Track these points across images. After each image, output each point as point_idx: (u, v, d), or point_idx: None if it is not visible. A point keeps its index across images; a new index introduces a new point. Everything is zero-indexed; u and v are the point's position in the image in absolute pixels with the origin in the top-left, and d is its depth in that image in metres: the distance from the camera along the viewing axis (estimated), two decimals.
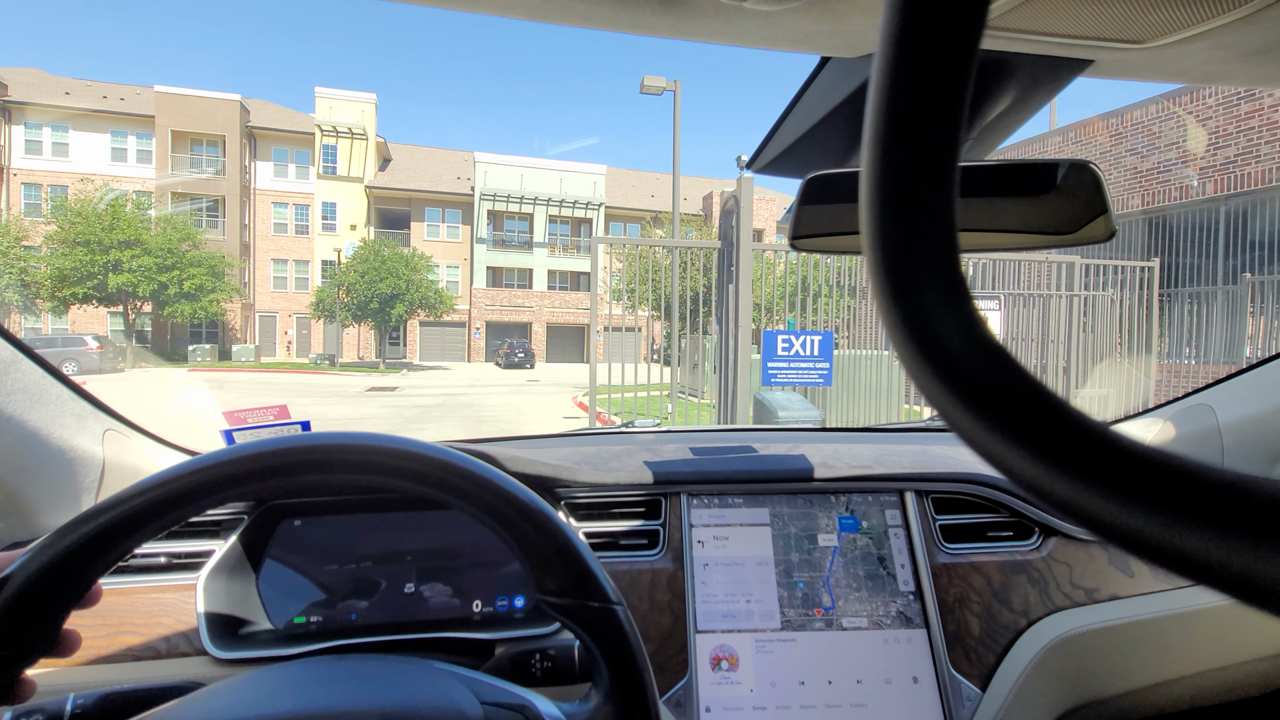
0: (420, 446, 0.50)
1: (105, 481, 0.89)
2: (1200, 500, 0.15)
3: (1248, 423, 0.98)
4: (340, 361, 24.54)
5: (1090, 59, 0.64)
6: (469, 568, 0.90)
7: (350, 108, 29.20)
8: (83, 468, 0.86)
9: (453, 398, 14.76)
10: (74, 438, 0.85)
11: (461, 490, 0.50)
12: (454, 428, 10.28)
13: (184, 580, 0.84)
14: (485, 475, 0.50)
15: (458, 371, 24.42)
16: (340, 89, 29.38)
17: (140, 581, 0.84)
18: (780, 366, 4.74)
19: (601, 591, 0.51)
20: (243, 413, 0.98)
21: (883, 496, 1.00)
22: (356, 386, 17.20)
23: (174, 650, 0.80)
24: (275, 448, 0.48)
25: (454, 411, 12.22)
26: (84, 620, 0.75)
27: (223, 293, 22.99)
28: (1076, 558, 0.99)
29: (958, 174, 0.19)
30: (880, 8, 0.19)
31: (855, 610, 0.93)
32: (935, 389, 0.19)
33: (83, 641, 0.49)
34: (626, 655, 0.51)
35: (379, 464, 0.49)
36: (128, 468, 0.93)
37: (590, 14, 0.58)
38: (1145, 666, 0.96)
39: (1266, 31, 0.55)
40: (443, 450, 0.50)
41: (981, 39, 0.18)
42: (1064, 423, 0.17)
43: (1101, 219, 0.72)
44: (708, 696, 0.87)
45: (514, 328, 31.03)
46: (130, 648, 0.79)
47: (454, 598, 0.88)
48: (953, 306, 0.19)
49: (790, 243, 0.78)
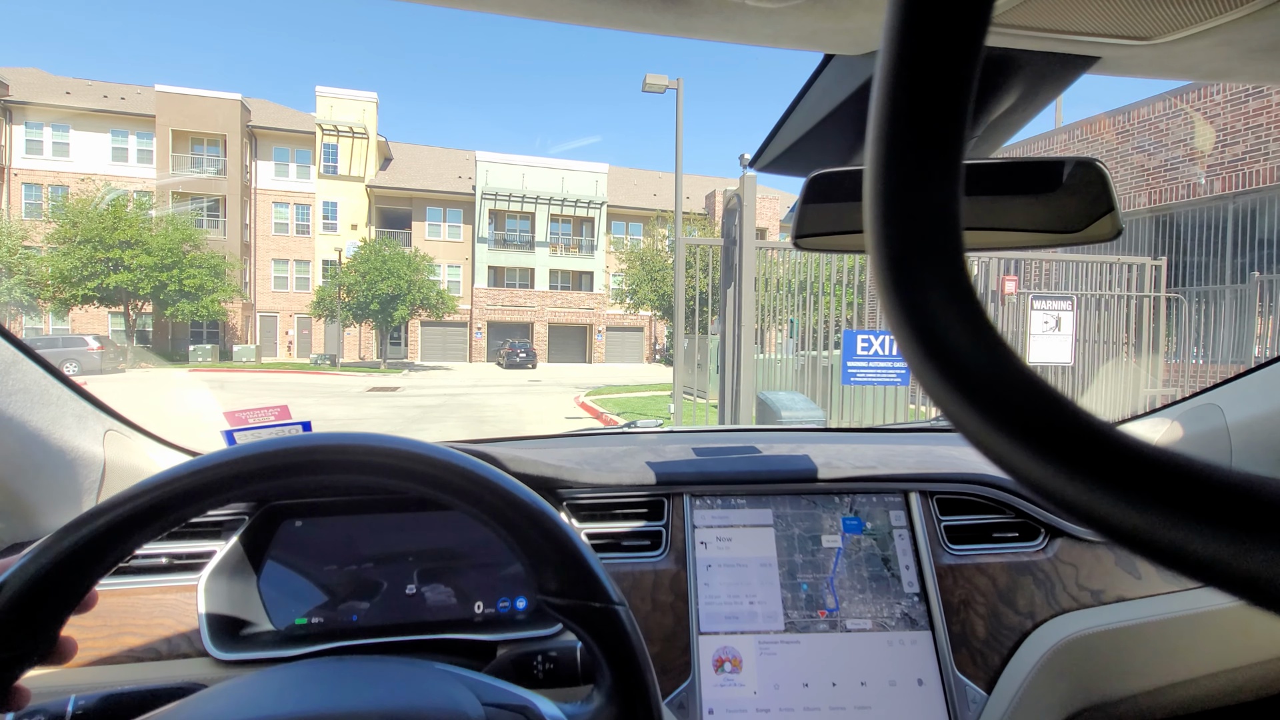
0: (420, 446, 0.50)
1: (106, 482, 0.89)
2: (1208, 501, 0.15)
3: (1256, 423, 0.98)
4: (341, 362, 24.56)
5: (1096, 55, 0.64)
6: (470, 569, 0.90)
7: (351, 107, 29.25)
8: (84, 468, 0.86)
9: (454, 398, 14.78)
10: (75, 438, 0.85)
11: (462, 490, 0.50)
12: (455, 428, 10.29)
13: (185, 581, 0.84)
14: (485, 475, 0.50)
15: (459, 372, 24.44)
16: (341, 88, 29.46)
17: (141, 582, 0.84)
18: (859, 366, 4.83)
19: (603, 592, 0.51)
20: (243, 413, 0.99)
21: (887, 497, 1.00)
22: (358, 387, 17.21)
23: (175, 651, 0.80)
24: (275, 448, 0.48)
25: (455, 412, 12.23)
26: (85, 621, 0.76)
27: (224, 292, 23.06)
28: (1083, 559, 0.98)
29: (962, 172, 0.19)
30: (884, 4, 0.19)
31: (859, 612, 0.92)
32: (940, 389, 0.19)
33: (82, 644, 0.49)
34: (628, 656, 0.50)
35: (379, 464, 0.49)
36: (129, 468, 0.93)
37: (592, 12, 0.58)
38: (1152, 669, 0.96)
39: (1272, 29, 0.55)
40: (443, 450, 0.50)
41: (986, 35, 0.18)
42: (1070, 423, 0.17)
43: (1108, 217, 0.71)
44: (711, 698, 0.86)
45: (516, 328, 31.06)
46: (131, 649, 0.79)
47: (455, 599, 0.88)
48: (958, 306, 0.19)
49: (793, 242, 0.77)
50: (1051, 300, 5.99)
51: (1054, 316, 5.91)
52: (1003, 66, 0.65)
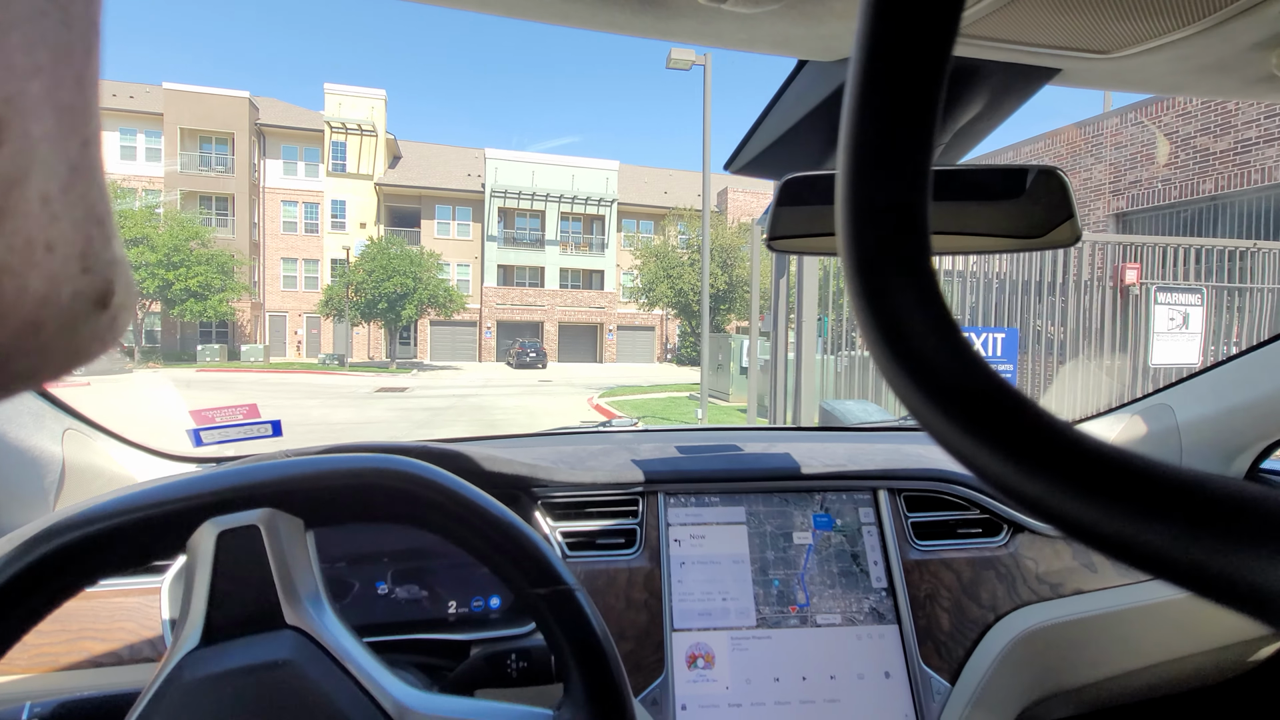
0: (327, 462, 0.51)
1: (66, 482, 0.87)
2: (1157, 497, 0.16)
3: (1205, 422, 1.01)
4: (350, 361, 24.33)
5: (1058, 68, 0.67)
6: (443, 568, 0.90)
7: (360, 104, 29.17)
8: (42, 468, 0.85)
9: (464, 399, 14.33)
10: (31, 437, 0.85)
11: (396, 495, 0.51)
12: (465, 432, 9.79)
13: (148, 584, 0.84)
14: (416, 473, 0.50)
15: (469, 371, 24.17)
16: (349, 85, 29.40)
17: (102, 586, 0.82)
18: None
19: (553, 575, 0.51)
20: (210, 411, 0.98)
21: (856, 494, 1.02)
22: (365, 387, 16.88)
23: (137, 656, 0.79)
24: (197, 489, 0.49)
25: (465, 414, 11.76)
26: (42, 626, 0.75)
27: (232, 291, 23.08)
28: (1042, 553, 1.02)
29: (931, 177, 0.19)
30: (856, 12, 0.19)
31: (829, 607, 0.95)
32: (907, 388, 0.20)
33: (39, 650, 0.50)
34: (589, 642, 0.50)
35: (292, 489, 0.49)
36: (88, 468, 0.92)
37: (569, 12, 0.59)
38: (1108, 658, 1.00)
39: (1221, 46, 0.59)
40: (361, 458, 0.51)
41: (954, 45, 0.18)
42: (1030, 422, 0.18)
43: (1067, 224, 0.74)
44: (684, 694, 0.89)
45: (526, 327, 30.88)
46: (91, 654, 0.78)
47: (428, 598, 0.88)
48: (925, 308, 0.19)
49: (767, 243, 0.79)
50: (1178, 293, 5.31)
51: (1180, 312, 5.24)
52: (969, 76, 0.68)
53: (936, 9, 0.18)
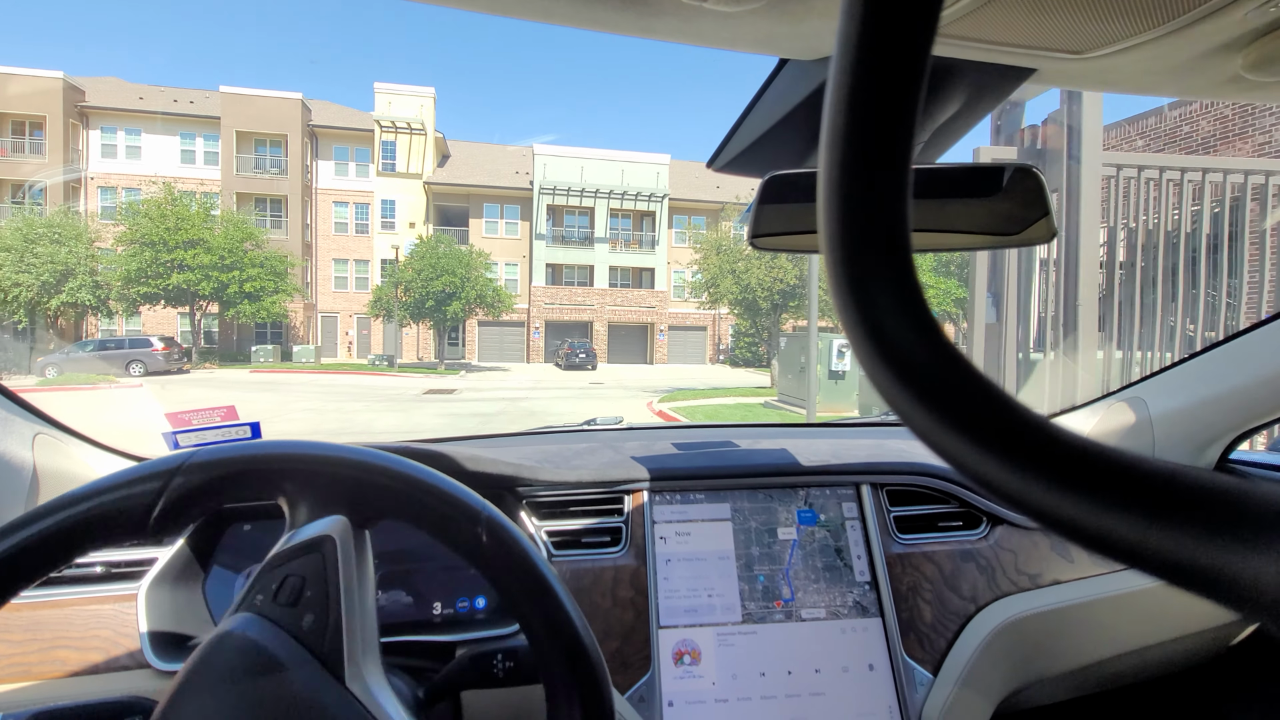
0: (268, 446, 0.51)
1: (40, 488, 0.86)
2: (1130, 489, 0.16)
3: (1176, 415, 1.03)
4: (399, 362, 24.18)
5: (1034, 67, 0.68)
6: (429, 570, 0.91)
7: (409, 102, 29.32)
8: (12, 473, 0.83)
9: (515, 403, 13.47)
10: (0, 442, 0.84)
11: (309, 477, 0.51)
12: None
13: (124, 590, 0.83)
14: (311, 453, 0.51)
15: (517, 372, 23.73)
16: (399, 83, 29.57)
17: (75, 593, 0.83)
18: None
19: (471, 511, 0.49)
20: (187, 414, 0.98)
21: (840, 490, 1.04)
22: (414, 389, 16.40)
23: (114, 664, 0.78)
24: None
25: (517, 420, 10.82)
26: (14, 635, 0.72)
27: (285, 293, 23.47)
28: (1021, 545, 1.03)
29: (911, 175, 0.20)
30: (837, 11, 0.20)
31: (814, 601, 0.96)
32: (888, 384, 0.20)
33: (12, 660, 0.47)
34: (527, 564, 0.48)
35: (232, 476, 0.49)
36: (61, 473, 0.90)
37: (551, 10, 0.60)
38: (1085, 646, 1.01)
39: (1190, 47, 0.60)
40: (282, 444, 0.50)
41: (933, 44, 0.19)
42: (1007, 416, 0.18)
43: (1043, 221, 0.75)
44: (671, 691, 0.90)
45: (574, 327, 30.66)
46: (66, 663, 0.77)
47: (414, 600, 0.89)
48: (905, 304, 0.20)
49: (749, 241, 0.80)
50: None
51: None
52: (946, 75, 0.69)
53: (916, 8, 0.18)
